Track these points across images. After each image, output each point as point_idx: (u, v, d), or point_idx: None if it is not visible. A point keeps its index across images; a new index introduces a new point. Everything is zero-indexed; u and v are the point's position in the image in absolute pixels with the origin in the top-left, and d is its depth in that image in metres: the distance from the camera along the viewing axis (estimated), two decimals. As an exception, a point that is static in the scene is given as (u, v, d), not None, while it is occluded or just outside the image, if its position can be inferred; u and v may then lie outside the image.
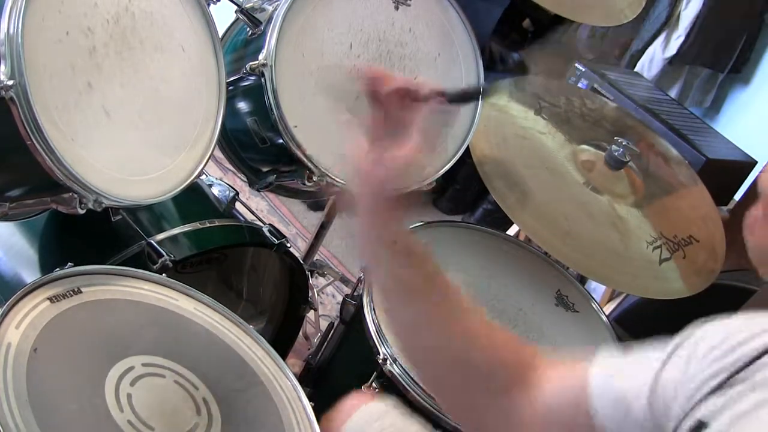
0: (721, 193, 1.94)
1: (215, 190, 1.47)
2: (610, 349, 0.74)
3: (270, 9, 1.29)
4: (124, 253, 1.26)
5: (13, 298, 0.91)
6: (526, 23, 3.33)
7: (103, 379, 0.90)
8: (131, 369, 0.93)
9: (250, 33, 1.31)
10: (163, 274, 1.12)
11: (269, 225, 1.44)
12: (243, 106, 1.34)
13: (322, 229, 1.81)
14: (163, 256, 1.23)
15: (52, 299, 0.95)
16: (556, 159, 1.55)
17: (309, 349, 1.70)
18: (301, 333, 1.63)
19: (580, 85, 2.22)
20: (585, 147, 1.60)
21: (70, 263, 1.01)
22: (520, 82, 1.70)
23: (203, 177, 1.47)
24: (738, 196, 2.17)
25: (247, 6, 1.30)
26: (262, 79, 1.24)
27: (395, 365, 1.23)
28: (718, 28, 2.86)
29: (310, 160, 1.27)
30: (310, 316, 1.73)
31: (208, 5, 1.20)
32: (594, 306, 1.52)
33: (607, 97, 2.07)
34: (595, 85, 2.20)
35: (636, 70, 2.93)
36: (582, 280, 1.70)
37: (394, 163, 0.73)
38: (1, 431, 0.77)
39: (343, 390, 1.37)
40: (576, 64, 2.27)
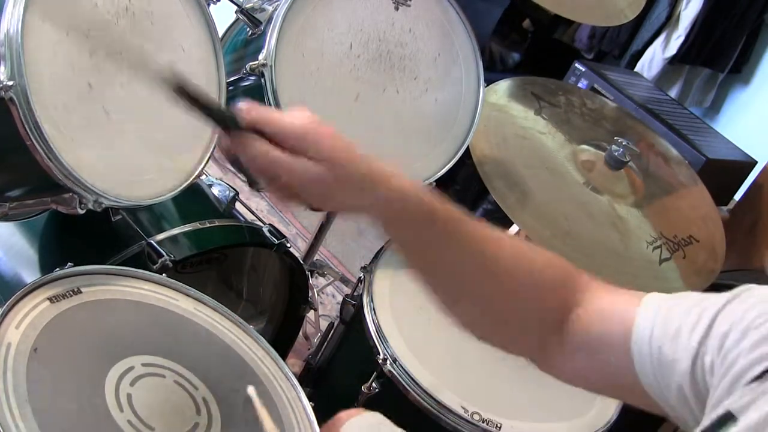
0: (721, 193, 1.94)
1: (215, 190, 1.47)
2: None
3: (270, 9, 1.29)
4: (124, 253, 1.27)
5: (13, 298, 0.91)
6: (526, 23, 3.33)
7: (103, 379, 0.90)
8: (131, 369, 0.93)
9: (250, 33, 1.31)
10: (163, 274, 1.12)
11: (269, 225, 1.44)
12: (243, 106, 1.34)
13: (322, 229, 1.81)
14: (163, 256, 1.23)
15: (52, 299, 0.95)
16: (556, 159, 1.55)
17: (309, 349, 1.71)
18: (301, 333, 1.63)
19: (580, 85, 2.22)
20: (585, 147, 1.60)
21: (70, 263, 1.01)
22: (520, 82, 1.70)
23: (203, 177, 1.47)
24: (738, 196, 2.17)
25: (247, 6, 1.30)
26: (262, 79, 1.24)
27: (395, 365, 1.23)
28: (718, 28, 2.86)
29: (310, 160, 1.27)
30: (310, 316, 1.73)
31: (208, 5, 1.20)
32: (594, 306, 1.52)
33: (607, 97, 2.07)
34: (595, 85, 2.20)
35: (636, 70, 2.93)
36: (582, 280, 1.70)
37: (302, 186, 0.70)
38: (1, 431, 0.77)
39: (343, 390, 1.37)
40: (576, 64, 2.27)
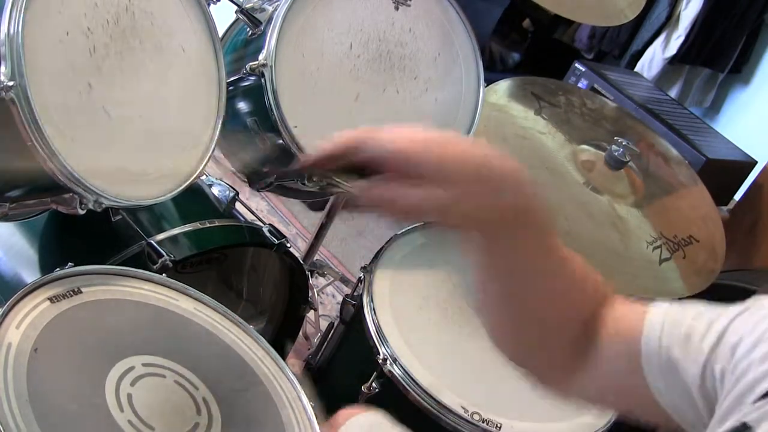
0: (721, 193, 1.94)
1: (215, 190, 1.47)
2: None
3: (270, 9, 1.29)
4: (124, 253, 1.27)
5: (13, 298, 0.91)
6: (526, 23, 3.34)
7: (104, 379, 0.90)
8: (131, 369, 0.93)
9: (250, 33, 1.31)
10: (163, 274, 1.12)
11: (269, 225, 1.44)
12: (243, 106, 1.34)
13: (322, 229, 1.81)
14: (163, 256, 1.23)
15: (53, 299, 0.95)
16: (556, 159, 1.55)
17: (309, 349, 1.71)
18: (301, 333, 1.63)
19: (580, 85, 2.22)
20: (585, 147, 1.60)
21: (70, 263, 1.01)
22: (520, 82, 1.70)
23: (203, 177, 1.47)
24: (738, 196, 2.17)
25: (247, 6, 1.30)
26: (262, 80, 1.24)
27: (395, 365, 1.23)
28: (718, 28, 2.87)
29: (310, 160, 1.27)
30: (310, 316, 1.73)
31: (208, 5, 1.20)
32: (594, 306, 1.52)
33: (607, 97, 2.07)
34: (595, 85, 2.20)
35: (636, 70, 2.94)
36: (582, 280, 1.70)
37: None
38: (2, 431, 0.77)
39: (343, 390, 1.37)
40: (576, 64, 2.27)
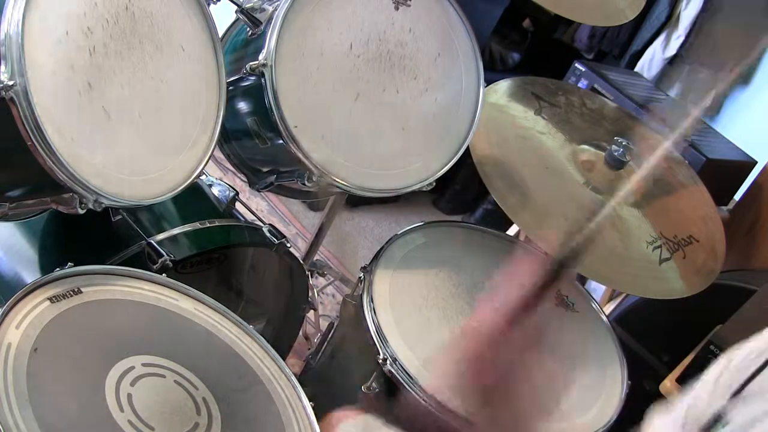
0: (721, 193, 1.94)
1: (215, 190, 1.48)
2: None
3: (270, 9, 1.29)
4: (124, 253, 1.27)
5: (13, 298, 0.91)
6: (526, 23, 3.34)
7: (104, 379, 0.90)
8: (131, 369, 0.93)
9: (250, 33, 1.31)
10: (163, 274, 1.12)
11: (269, 225, 1.44)
12: (243, 106, 1.34)
13: (322, 229, 1.81)
14: (163, 256, 1.23)
15: (52, 299, 0.95)
16: (556, 159, 1.55)
17: (309, 349, 1.71)
18: (301, 333, 1.63)
19: (580, 85, 2.22)
20: (585, 147, 1.60)
21: (70, 263, 1.01)
22: (520, 82, 1.70)
23: (203, 177, 1.47)
24: (738, 196, 2.17)
25: (247, 6, 1.30)
26: (262, 79, 1.24)
27: (395, 365, 1.23)
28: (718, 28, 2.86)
29: (310, 160, 1.27)
30: (310, 316, 1.73)
31: (208, 5, 1.20)
32: (594, 306, 1.52)
33: (607, 97, 2.07)
34: (595, 85, 2.20)
35: (636, 70, 2.93)
36: (582, 280, 1.70)
37: None
38: (2, 431, 0.77)
39: (343, 390, 1.37)
40: (576, 64, 2.27)
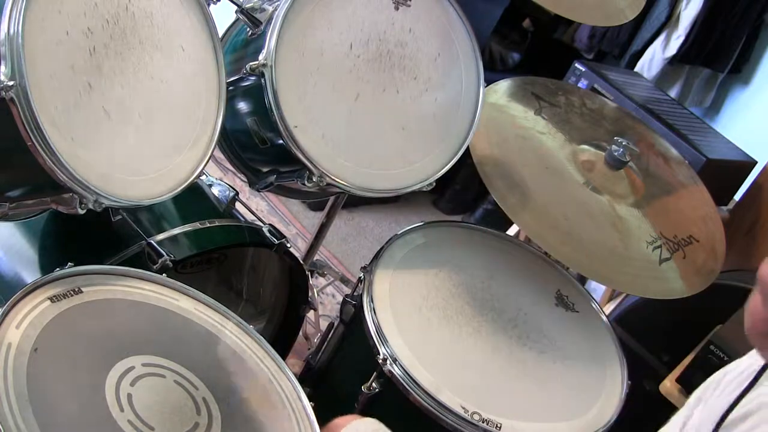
0: (721, 193, 1.94)
1: (215, 190, 1.48)
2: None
3: (270, 9, 1.29)
4: (124, 253, 1.27)
5: (13, 298, 0.91)
6: (526, 23, 3.34)
7: (104, 379, 0.90)
8: (131, 369, 0.93)
9: (250, 33, 1.31)
10: (163, 274, 1.12)
11: (269, 225, 1.44)
12: (243, 106, 1.34)
13: (322, 229, 1.81)
14: (163, 256, 1.23)
15: (53, 299, 0.95)
16: (556, 159, 1.55)
17: (309, 349, 1.71)
18: (301, 333, 1.63)
19: (580, 85, 2.22)
20: (585, 147, 1.60)
21: (70, 263, 1.01)
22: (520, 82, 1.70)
23: (203, 177, 1.47)
24: (738, 196, 2.17)
25: (247, 6, 1.30)
26: (262, 79, 1.24)
27: (395, 365, 1.23)
28: (718, 28, 2.87)
29: (310, 160, 1.27)
30: (310, 316, 1.73)
31: (208, 5, 1.20)
32: (594, 306, 1.52)
33: (607, 97, 2.07)
34: (595, 85, 2.20)
35: (636, 70, 2.94)
36: (582, 280, 1.70)
37: None
38: (2, 431, 0.77)
39: (343, 390, 1.37)
40: (576, 64, 2.27)
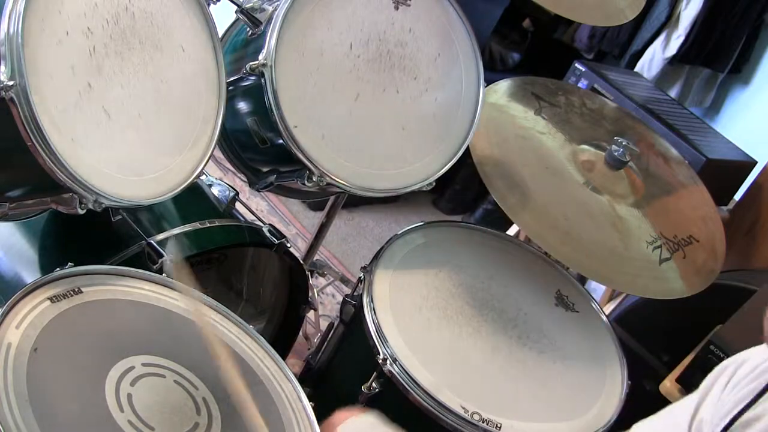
0: (721, 193, 1.94)
1: (215, 190, 1.48)
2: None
3: (270, 9, 1.29)
4: (124, 253, 1.27)
5: (13, 298, 0.91)
6: (526, 23, 3.34)
7: (104, 379, 0.90)
8: (131, 369, 0.93)
9: (250, 33, 1.31)
10: (163, 274, 1.12)
11: (269, 225, 1.44)
12: (243, 106, 1.34)
13: (322, 229, 1.81)
14: (163, 256, 1.23)
15: (53, 299, 0.95)
16: (556, 159, 1.55)
17: (309, 349, 1.71)
18: (301, 333, 1.63)
19: (580, 85, 2.22)
20: (585, 147, 1.60)
21: (70, 263, 1.01)
22: (520, 82, 1.70)
23: (203, 177, 1.47)
24: (738, 196, 2.17)
25: (247, 6, 1.30)
26: (262, 79, 1.24)
27: (395, 365, 1.23)
28: (718, 28, 2.87)
29: (310, 160, 1.27)
30: (310, 316, 1.73)
31: (208, 5, 1.20)
32: (594, 306, 1.52)
33: (607, 97, 2.07)
34: (595, 85, 2.20)
35: (636, 70, 2.93)
36: (582, 280, 1.70)
37: None
38: (2, 431, 0.77)
39: (343, 390, 1.37)
40: (576, 64, 2.27)
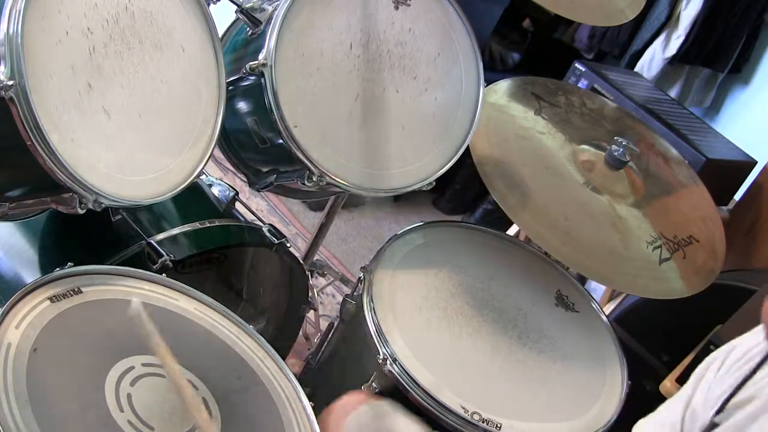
0: (721, 193, 1.94)
1: (215, 190, 1.48)
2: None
3: (270, 9, 1.29)
4: (124, 253, 1.27)
5: (13, 298, 0.91)
6: (526, 23, 3.34)
7: (103, 379, 0.90)
8: (131, 369, 0.93)
9: (250, 33, 1.31)
10: (163, 274, 1.12)
11: (269, 225, 1.44)
12: (243, 106, 1.34)
13: (322, 229, 1.81)
14: (163, 256, 1.23)
15: (53, 299, 0.95)
16: (556, 159, 1.55)
17: (309, 349, 1.71)
18: (301, 333, 1.64)
19: (580, 85, 2.22)
20: (585, 147, 1.60)
21: (70, 263, 1.01)
22: (520, 82, 1.70)
23: (203, 177, 1.47)
24: (738, 196, 2.17)
25: (247, 6, 1.30)
26: (262, 79, 1.24)
27: (395, 365, 1.23)
28: (718, 28, 2.87)
29: (310, 160, 1.27)
30: (310, 316, 1.73)
31: (208, 5, 1.20)
32: (594, 306, 1.52)
33: (607, 97, 2.07)
34: (595, 85, 2.20)
35: (636, 70, 2.94)
36: (582, 280, 1.70)
37: None
38: (1, 431, 0.77)
39: (343, 390, 1.37)
40: (576, 64, 2.27)
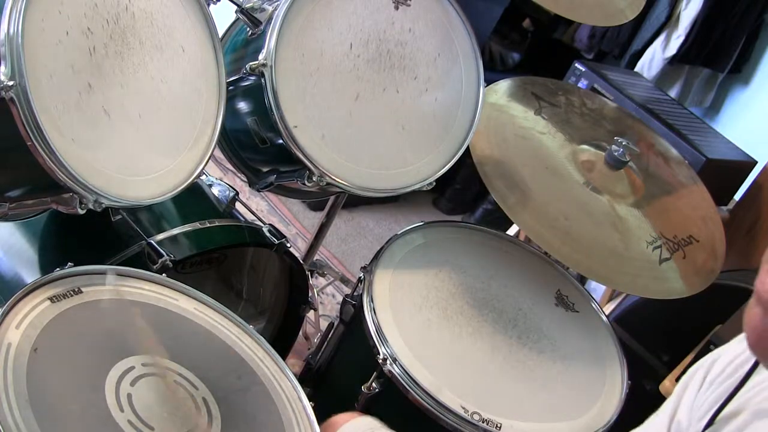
0: (721, 193, 1.94)
1: (215, 190, 1.48)
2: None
3: (270, 9, 1.29)
4: (124, 253, 1.27)
5: (13, 298, 0.91)
6: (526, 23, 3.35)
7: (104, 379, 0.90)
8: (131, 369, 0.93)
9: (250, 33, 1.31)
10: (163, 274, 1.12)
11: (269, 225, 1.44)
12: (243, 106, 1.34)
13: (322, 229, 1.81)
14: (163, 256, 1.23)
15: (53, 299, 0.95)
16: (556, 159, 1.55)
17: (309, 349, 1.71)
18: (301, 333, 1.64)
19: (580, 85, 2.22)
20: (585, 147, 1.60)
21: (70, 263, 1.01)
22: (520, 82, 1.70)
23: (203, 177, 1.47)
24: (738, 196, 2.17)
25: (247, 6, 1.30)
26: (262, 79, 1.24)
27: (395, 365, 1.23)
28: (718, 28, 2.87)
29: (310, 160, 1.27)
30: (310, 316, 1.73)
31: (208, 5, 1.20)
32: (594, 306, 1.52)
33: (607, 97, 2.07)
34: (595, 85, 2.20)
35: (636, 70, 2.94)
36: (582, 280, 1.70)
37: None
38: (1, 431, 0.77)
39: (343, 390, 1.37)
40: (576, 64, 2.27)
